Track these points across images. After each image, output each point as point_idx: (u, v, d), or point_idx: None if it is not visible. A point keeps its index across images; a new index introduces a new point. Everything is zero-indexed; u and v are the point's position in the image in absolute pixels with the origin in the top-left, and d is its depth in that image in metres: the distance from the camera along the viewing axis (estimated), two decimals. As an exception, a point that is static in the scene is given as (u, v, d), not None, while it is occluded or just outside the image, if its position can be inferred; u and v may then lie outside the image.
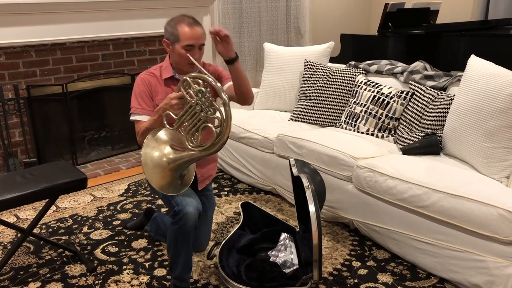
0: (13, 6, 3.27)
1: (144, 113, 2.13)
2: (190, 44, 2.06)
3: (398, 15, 4.54)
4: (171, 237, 2.10)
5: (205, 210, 2.39)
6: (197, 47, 2.09)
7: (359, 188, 2.51)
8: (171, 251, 2.12)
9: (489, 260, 1.98)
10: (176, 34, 2.07)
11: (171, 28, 2.09)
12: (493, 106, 2.26)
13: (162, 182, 1.90)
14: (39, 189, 2.21)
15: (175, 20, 2.11)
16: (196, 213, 2.04)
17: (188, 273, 2.14)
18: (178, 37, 2.06)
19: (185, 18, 2.11)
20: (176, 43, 2.08)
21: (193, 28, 2.07)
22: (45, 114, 3.74)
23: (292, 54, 3.65)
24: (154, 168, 1.88)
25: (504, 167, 2.27)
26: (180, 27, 2.07)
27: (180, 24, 2.07)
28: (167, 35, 2.12)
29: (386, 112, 2.96)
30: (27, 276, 2.32)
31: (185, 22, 2.08)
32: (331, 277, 2.26)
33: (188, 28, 2.06)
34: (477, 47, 3.81)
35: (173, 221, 2.05)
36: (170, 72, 2.18)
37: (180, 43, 2.06)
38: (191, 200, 2.05)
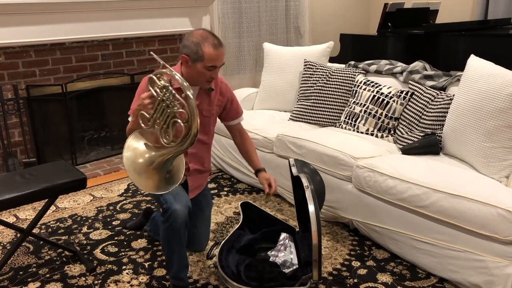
0: (12, 6, 3.27)
1: None
2: (213, 66, 2.03)
3: (397, 15, 4.54)
4: (163, 236, 2.10)
5: (201, 209, 2.39)
6: (219, 67, 2.07)
7: (359, 188, 2.51)
8: (165, 250, 2.13)
9: (489, 260, 1.98)
10: (200, 54, 2.00)
11: (194, 46, 2.01)
12: (493, 106, 2.26)
13: (149, 183, 1.87)
14: (38, 189, 2.21)
15: (198, 37, 2.02)
16: (185, 210, 2.02)
17: (185, 271, 2.13)
18: (202, 57, 2.00)
19: (209, 36, 2.03)
20: (198, 62, 2.01)
21: (218, 50, 2.02)
22: (44, 114, 3.74)
23: (291, 54, 3.65)
24: (137, 170, 1.85)
25: (504, 167, 2.27)
26: (205, 47, 2.00)
27: (205, 43, 2.00)
28: (187, 52, 2.03)
29: (386, 112, 2.96)
30: (27, 276, 2.32)
31: (210, 41, 2.01)
32: (330, 277, 2.26)
33: (213, 49, 2.00)
34: (476, 47, 3.81)
35: (163, 220, 2.05)
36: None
37: (203, 63, 2.01)
38: (179, 197, 2.04)
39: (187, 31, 4.25)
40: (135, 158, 1.87)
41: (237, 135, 2.44)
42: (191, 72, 2.08)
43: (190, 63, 2.04)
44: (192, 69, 2.06)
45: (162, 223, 2.06)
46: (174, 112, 1.79)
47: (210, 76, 2.06)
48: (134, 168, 1.86)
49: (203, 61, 2.01)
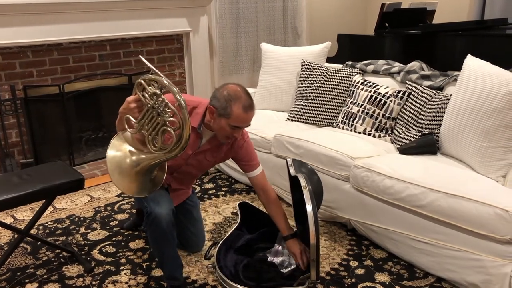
0: (9, 7, 3.26)
1: None
2: (238, 126, 1.99)
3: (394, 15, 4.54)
4: (150, 240, 2.10)
5: (189, 211, 2.40)
6: (243, 127, 2.04)
7: (357, 188, 2.51)
8: (156, 253, 2.13)
9: (486, 259, 1.99)
10: (228, 111, 1.94)
11: (224, 102, 1.95)
12: (490, 106, 2.27)
13: (131, 185, 1.84)
14: (36, 190, 2.21)
15: (232, 93, 1.96)
16: (168, 212, 2.00)
17: (178, 270, 2.13)
18: (229, 115, 1.95)
19: (242, 96, 1.96)
20: (223, 118, 1.97)
21: (248, 113, 1.97)
22: (42, 115, 3.73)
23: (289, 54, 3.65)
24: (119, 172, 1.83)
25: (501, 166, 2.28)
26: (235, 106, 1.94)
27: (236, 102, 1.94)
28: (216, 104, 1.97)
29: (383, 112, 2.97)
30: (24, 277, 2.32)
31: (241, 102, 1.95)
32: (328, 277, 2.26)
33: (243, 111, 1.95)
34: (473, 47, 3.82)
35: (147, 223, 2.03)
36: (196, 123, 2.06)
37: (228, 121, 1.96)
38: (161, 201, 2.02)
39: (184, 32, 4.27)
40: (120, 160, 1.84)
41: (259, 191, 2.31)
42: (214, 123, 2.02)
43: (216, 115, 1.99)
44: (215, 121, 2.01)
45: (148, 227, 2.03)
46: (165, 120, 1.76)
47: (231, 133, 2.02)
48: (119, 171, 1.83)
49: (228, 119, 1.96)
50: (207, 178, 3.49)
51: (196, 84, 4.49)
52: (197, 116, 2.07)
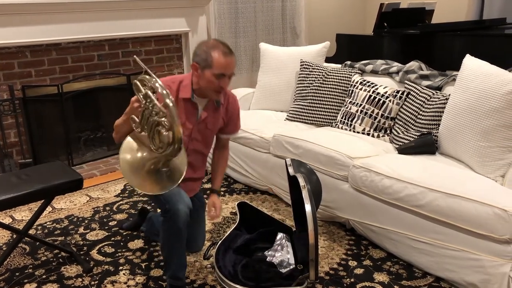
0: (7, 6, 3.25)
1: None
2: (222, 74, 2.02)
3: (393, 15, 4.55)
4: (163, 236, 2.09)
5: (196, 209, 2.40)
6: (228, 76, 2.06)
7: (355, 188, 2.51)
8: (165, 251, 2.12)
9: (485, 259, 1.99)
10: (209, 61, 2.00)
11: (204, 54, 2.02)
12: (488, 106, 2.27)
13: (145, 184, 1.86)
14: (34, 190, 2.21)
15: (209, 45, 2.03)
16: (186, 210, 2.02)
17: (183, 271, 2.13)
18: (211, 64, 2.00)
19: (219, 44, 2.04)
20: (207, 69, 2.02)
21: (227, 57, 2.02)
22: (40, 115, 3.73)
23: (288, 54, 3.65)
24: (131, 171, 1.85)
25: (499, 166, 2.28)
26: (214, 54, 2.00)
27: (214, 50, 2.01)
28: (197, 59, 2.04)
29: (382, 112, 2.97)
30: (23, 277, 2.31)
31: (219, 49, 2.01)
32: (327, 277, 2.27)
33: (223, 57, 2.00)
34: (472, 46, 3.82)
35: (164, 219, 2.04)
36: (188, 94, 2.11)
37: (211, 70, 2.01)
38: (181, 197, 2.03)
39: (183, 31, 4.27)
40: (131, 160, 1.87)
41: (220, 147, 2.41)
42: (201, 82, 2.06)
43: (200, 71, 2.04)
44: (201, 78, 2.05)
45: (163, 222, 2.05)
46: (158, 120, 1.76)
47: (218, 85, 2.05)
48: (130, 170, 1.86)
49: (211, 68, 2.00)
50: (206, 178, 3.48)
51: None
52: (186, 88, 2.11)
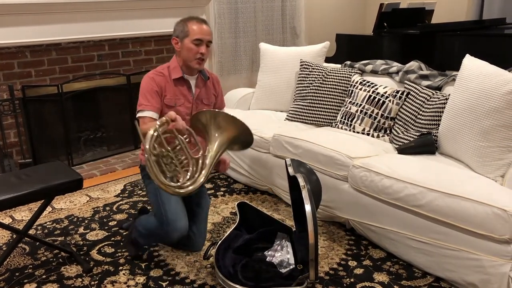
0: (7, 7, 3.26)
1: (152, 110, 2.22)
2: (199, 39, 2.23)
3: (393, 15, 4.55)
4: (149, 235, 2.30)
5: (201, 207, 2.42)
6: (205, 43, 2.25)
7: (355, 188, 2.51)
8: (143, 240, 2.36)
9: (485, 258, 1.99)
10: (186, 30, 2.23)
11: (181, 26, 2.26)
12: (488, 106, 2.27)
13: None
14: (34, 190, 2.21)
15: (184, 19, 2.28)
16: (184, 229, 2.21)
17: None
18: (188, 32, 2.23)
19: (193, 16, 2.29)
20: (185, 38, 2.23)
21: (201, 25, 2.25)
22: (40, 115, 3.73)
23: (287, 54, 3.65)
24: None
25: (499, 166, 2.28)
26: (189, 23, 2.24)
27: (189, 21, 2.25)
28: (176, 33, 2.27)
29: (382, 112, 2.97)
30: (23, 277, 2.31)
31: (194, 19, 2.26)
32: (327, 277, 2.27)
33: (197, 24, 2.24)
34: (472, 46, 3.83)
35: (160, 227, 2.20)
36: (179, 73, 2.31)
37: (189, 37, 2.22)
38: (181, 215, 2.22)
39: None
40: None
41: None
42: (183, 53, 2.26)
43: (180, 43, 2.27)
44: (182, 50, 2.26)
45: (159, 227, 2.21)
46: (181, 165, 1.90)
47: (197, 51, 2.23)
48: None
49: (188, 36, 2.23)
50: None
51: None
52: (175, 69, 2.31)
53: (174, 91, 2.30)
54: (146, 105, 2.22)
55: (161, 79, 2.27)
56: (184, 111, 2.32)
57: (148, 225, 2.35)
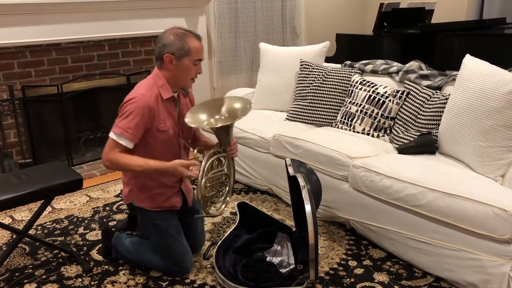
0: (7, 6, 3.25)
1: (132, 141, 2.05)
2: (199, 59, 2.08)
3: (393, 14, 4.55)
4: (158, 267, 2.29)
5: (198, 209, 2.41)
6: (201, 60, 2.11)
7: (355, 188, 2.51)
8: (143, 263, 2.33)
9: (485, 258, 1.99)
10: (187, 48, 2.03)
11: (179, 42, 2.03)
12: (488, 105, 2.27)
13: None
14: (34, 190, 2.21)
15: (179, 33, 2.05)
16: (190, 268, 2.28)
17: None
18: (189, 51, 2.03)
19: (187, 32, 2.07)
20: (185, 57, 2.04)
21: (200, 42, 2.08)
22: (40, 115, 3.73)
23: (287, 54, 3.65)
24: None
25: (499, 166, 2.28)
26: (190, 41, 2.04)
27: (188, 38, 2.04)
28: (171, 50, 2.03)
29: (382, 112, 2.97)
30: (23, 277, 2.31)
31: (192, 36, 2.06)
32: (327, 277, 2.26)
33: (198, 42, 2.06)
34: (472, 46, 3.82)
35: (170, 268, 2.25)
36: (170, 92, 2.13)
37: (190, 57, 2.04)
38: (191, 259, 2.29)
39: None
40: None
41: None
42: (177, 72, 2.08)
43: (175, 61, 2.05)
44: (178, 68, 2.07)
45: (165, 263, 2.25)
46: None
47: (195, 72, 2.10)
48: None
49: (189, 55, 2.04)
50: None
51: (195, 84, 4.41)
52: (164, 87, 2.10)
53: (164, 113, 2.11)
54: (129, 133, 2.02)
55: (154, 104, 2.05)
56: (174, 132, 2.18)
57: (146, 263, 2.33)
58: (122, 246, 2.35)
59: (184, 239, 2.28)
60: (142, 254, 2.31)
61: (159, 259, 2.26)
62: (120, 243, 2.36)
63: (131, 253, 2.33)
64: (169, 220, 2.22)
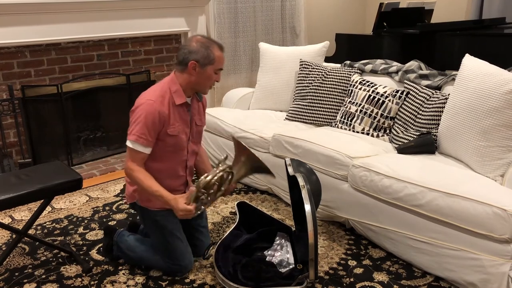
0: (7, 6, 3.25)
1: (149, 146, 2.10)
2: (221, 68, 2.15)
3: (392, 14, 4.55)
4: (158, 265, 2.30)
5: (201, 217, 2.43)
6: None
7: (355, 187, 2.51)
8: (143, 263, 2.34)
9: (484, 258, 1.99)
10: (212, 57, 2.09)
11: (205, 50, 2.08)
12: (488, 105, 2.27)
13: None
14: (34, 190, 2.21)
15: (205, 42, 2.11)
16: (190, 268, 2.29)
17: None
18: (213, 60, 2.10)
19: (213, 40, 2.14)
20: (209, 65, 2.10)
21: (222, 53, 2.14)
22: (40, 115, 3.73)
23: (287, 53, 3.65)
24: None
25: (499, 166, 2.28)
26: (215, 51, 2.10)
27: (213, 47, 2.10)
28: (196, 57, 2.08)
29: (381, 112, 2.97)
30: (23, 277, 2.31)
31: (216, 45, 2.12)
32: (327, 276, 2.27)
33: (221, 53, 2.13)
34: (471, 46, 3.82)
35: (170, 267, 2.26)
36: (183, 98, 2.16)
37: (213, 66, 2.11)
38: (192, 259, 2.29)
39: (182, 31, 4.27)
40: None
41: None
42: (198, 79, 2.13)
43: (199, 68, 2.10)
44: (200, 75, 2.12)
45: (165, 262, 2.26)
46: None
47: (215, 79, 2.16)
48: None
49: (213, 64, 2.10)
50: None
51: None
52: (178, 92, 2.15)
53: (175, 118, 2.15)
54: (144, 139, 2.06)
55: (165, 109, 2.09)
56: (185, 137, 2.23)
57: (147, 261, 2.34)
58: (124, 243, 2.37)
59: (185, 238, 2.28)
60: (143, 252, 2.32)
61: (159, 258, 2.27)
62: (122, 240, 2.38)
63: (132, 251, 2.34)
64: (169, 217, 2.23)
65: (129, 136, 2.08)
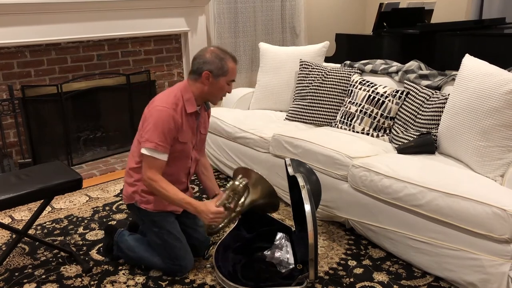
0: (7, 6, 3.25)
1: (166, 153, 2.10)
2: (233, 80, 2.19)
3: (392, 14, 4.55)
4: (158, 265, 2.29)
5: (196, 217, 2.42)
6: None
7: (355, 188, 2.51)
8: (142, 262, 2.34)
9: (484, 258, 1.99)
10: (225, 69, 2.13)
11: (219, 62, 2.12)
12: (488, 105, 2.27)
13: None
14: (34, 190, 2.21)
15: (219, 53, 2.14)
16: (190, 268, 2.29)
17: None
18: (227, 72, 2.14)
19: (227, 52, 2.18)
20: (222, 77, 2.13)
21: (236, 65, 2.19)
22: (40, 115, 3.73)
23: (287, 53, 3.65)
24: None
25: (499, 166, 2.28)
26: (229, 62, 2.14)
27: (227, 59, 2.14)
28: (210, 68, 2.11)
29: (381, 112, 2.97)
30: (22, 277, 2.31)
31: (230, 57, 2.16)
32: (327, 276, 2.27)
33: (234, 64, 2.17)
34: (471, 46, 3.83)
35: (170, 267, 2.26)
36: (194, 107, 2.19)
37: (226, 77, 2.14)
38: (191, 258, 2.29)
39: (182, 31, 4.27)
40: None
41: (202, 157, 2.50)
42: (211, 89, 2.16)
43: (212, 79, 2.13)
44: (212, 85, 2.15)
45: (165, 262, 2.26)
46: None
47: (227, 91, 2.19)
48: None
49: (226, 75, 2.14)
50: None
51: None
52: (190, 101, 2.17)
53: (186, 125, 2.17)
54: (163, 146, 2.07)
55: (178, 116, 2.11)
56: (191, 145, 2.26)
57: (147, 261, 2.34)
58: (124, 243, 2.37)
59: (184, 238, 2.28)
60: (143, 251, 2.32)
61: (159, 258, 2.27)
62: (122, 239, 2.38)
63: (132, 250, 2.34)
64: (167, 218, 2.24)
65: (145, 144, 2.06)
